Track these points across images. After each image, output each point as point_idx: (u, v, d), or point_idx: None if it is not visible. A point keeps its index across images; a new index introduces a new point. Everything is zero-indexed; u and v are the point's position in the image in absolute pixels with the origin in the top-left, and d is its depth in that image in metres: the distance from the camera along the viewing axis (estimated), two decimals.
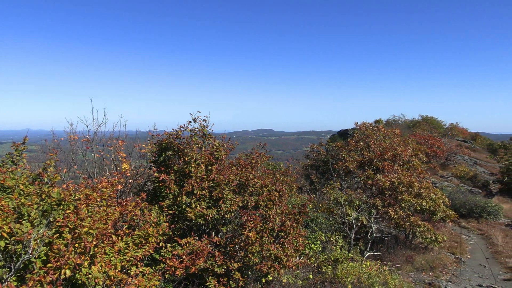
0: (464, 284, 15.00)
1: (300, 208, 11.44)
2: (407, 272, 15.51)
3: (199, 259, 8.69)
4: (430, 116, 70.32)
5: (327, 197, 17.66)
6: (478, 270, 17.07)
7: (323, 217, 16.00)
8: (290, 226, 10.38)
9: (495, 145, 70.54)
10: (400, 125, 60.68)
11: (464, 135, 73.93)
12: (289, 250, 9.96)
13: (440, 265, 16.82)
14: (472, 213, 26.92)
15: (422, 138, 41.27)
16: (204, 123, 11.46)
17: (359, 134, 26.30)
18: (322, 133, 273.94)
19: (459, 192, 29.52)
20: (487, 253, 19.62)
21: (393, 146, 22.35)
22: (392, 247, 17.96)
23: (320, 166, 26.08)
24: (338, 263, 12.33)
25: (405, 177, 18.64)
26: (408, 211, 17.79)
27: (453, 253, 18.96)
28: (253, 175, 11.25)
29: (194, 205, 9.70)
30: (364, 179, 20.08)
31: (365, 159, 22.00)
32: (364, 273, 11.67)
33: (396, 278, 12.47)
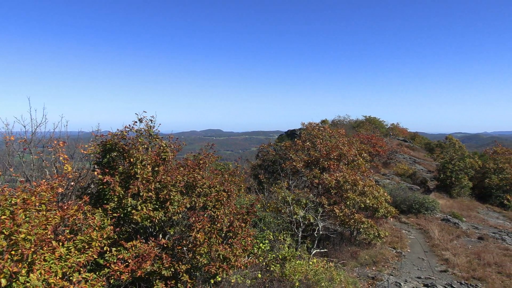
0: (404, 277, 15.74)
1: (248, 208, 11.50)
2: (352, 268, 16.04)
3: (145, 262, 8.50)
4: (373, 116, 73.20)
5: (275, 197, 17.88)
6: (417, 263, 17.97)
7: (271, 216, 16.17)
8: (238, 226, 10.41)
9: (432, 144, 74.62)
10: (345, 125, 62.62)
11: (404, 135, 77.63)
12: (238, 250, 9.98)
13: (383, 260, 17.54)
14: (412, 209, 28.28)
15: (366, 137, 42.82)
16: (151, 123, 11.22)
17: (306, 134, 26.87)
18: (270, 133, 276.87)
19: (399, 189, 30.92)
20: (425, 247, 20.70)
21: (338, 146, 23.03)
22: (338, 243, 18.50)
23: (269, 166, 26.36)
24: (286, 261, 12.51)
25: (349, 175, 19.27)
26: (352, 209, 18.40)
27: (394, 247, 19.82)
28: (201, 175, 11.17)
29: (140, 207, 9.47)
30: (311, 178, 20.53)
31: (312, 159, 22.50)
32: (311, 270, 11.93)
33: (342, 274, 12.86)
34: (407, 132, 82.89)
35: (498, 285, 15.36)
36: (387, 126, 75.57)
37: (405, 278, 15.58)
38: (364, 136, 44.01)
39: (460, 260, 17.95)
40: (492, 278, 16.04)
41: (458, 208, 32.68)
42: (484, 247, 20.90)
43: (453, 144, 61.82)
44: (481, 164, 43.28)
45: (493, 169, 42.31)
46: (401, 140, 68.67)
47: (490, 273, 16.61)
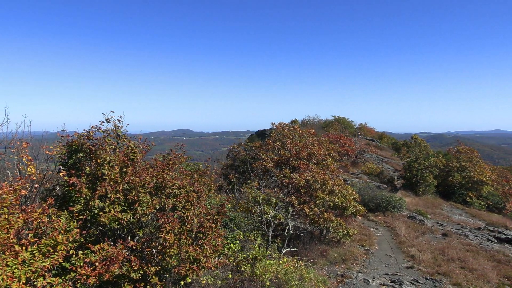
0: (372, 274, 16.06)
1: (218, 208, 11.45)
2: (321, 266, 16.24)
3: (113, 265, 8.33)
4: (342, 116, 74.44)
5: (245, 197, 17.89)
6: (384, 260, 18.38)
7: (241, 217, 16.18)
8: (208, 227, 10.34)
9: (398, 143, 76.51)
10: (314, 125, 63.39)
11: (372, 135, 79.28)
12: (208, 251, 9.92)
13: (352, 257, 17.84)
14: (379, 207, 28.91)
15: (335, 137, 43.46)
16: (118, 123, 11.01)
17: (276, 134, 27.03)
18: (241, 133, 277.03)
19: (367, 188, 31.55)
20: (392, 244, 21.19)
21: (308, 146, 23.27)
22: (308, 242, 18.70)
23: (239, 166, 26.36)
24: (256, 261, 12.53)
25: (319, 175, 19.50)
26: (322, 208, 18.63)
27: (363, 245, 20.20)
28: (170, 176, 11.05)
29: (108, 209, 9.28)
30: (281, 177, 20.66)
31: (282, 159, 22.64)
32: (281, 269, 12.00)
33: (311, 272, 13.00)
34: (375, 132, 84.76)
35: (461, 279, 15.90)
36: (356, 126, 77.04)
37: (373, 275, 15.90)
38: (333, 136, 44.66)
39: (425, 256, 18.48)
40: (456, 273, 16.61)
41: (423, 206, 33.66)
42: (448, 243, 21.60)
43: (419, 144, 63.62)
44: (445, 162, 44.74)
45: (456, 167, 43.81)
46: (369, 139, 70.09)
47: (454, 268, 17.19)
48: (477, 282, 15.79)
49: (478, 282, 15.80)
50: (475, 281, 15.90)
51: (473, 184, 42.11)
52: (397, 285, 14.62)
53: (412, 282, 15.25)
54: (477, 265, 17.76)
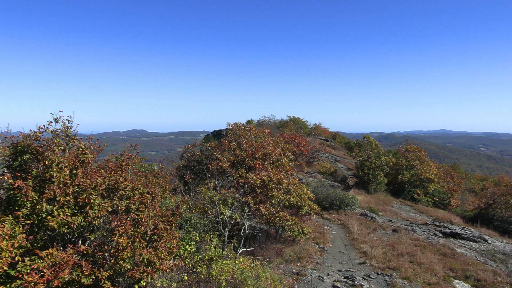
0: (327, 271, 16.42)
1: (174, 209, 11.30)
2: (277, 265, 16.41)
3: (63, 271, 8.02)
4: (297, 117, 75.57)
5: (201, 197, 17.76)
6: (338, 256, 18.83)
7: (197, 217, 16.05)
8: (163, 229, 10.18)
9: (351, 143, 78.67)
10: (270, 125, 63.95)
11: (326, 134, 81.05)
12: (163, 253, 9.77)
13: (307, 255, 18.14)
14: (333, 205, 29.57)
15: (290, 137, 44.01)
16: (68, 123, 10.60)
17: (232, 134, 27.04)
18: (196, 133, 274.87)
19: (322, 187, 32.20)
20: (345, 241, 21.75)
21: (263, 146, 23.42)
22: (264, 242, 18.83)
23: (195, 166, 26.13)
24: (212, 262, 12.48)
25: (274, 174, 19.67)
26: (277, 207, 18.82)
27: (317, 243, 20.59)
28: (123, 177, 10.78)
29: (56, 213, 8.91)
30: (237, 177, 20.68)
31: (237, 159, 22.67)
32: (237, 269, 12.01)
33: (267, 271, 13.10)
34: (329, 132, 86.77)
35: (410, 273, 16.58)
36: (310, 126, 78.48)
37: (328, 272, 16.25)
38: (288, 135, 45.20)
39: (377, 252, 19.10)
40: (405, 267, 17.29)
41: (375, 203, 34.77)
42: (397, 239, 22.44)
43: (370, 143, 65.73)
44: (394, 161, 46.45)
45: (405, 166, 45.61)
46: (323, 139, 71.59)
47: (403, 263, 17.89)
48: (425, 275, 16.52)
49: (426, 275, 16.53)
50: (423, 274, 16.62)
51: (420, 182, 43.99)
52: (350, 281, 15.02)
53: (364, 278, 15.72)
54: (425, 259, 18.56)
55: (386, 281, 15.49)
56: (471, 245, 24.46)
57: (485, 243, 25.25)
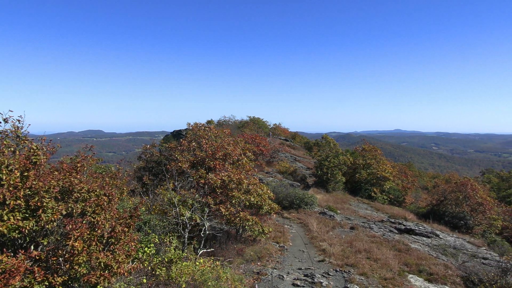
0: (287, 269, 16.59)
1: (131, 211, 11.06)
2: (238, 265, 16.41)
3: (14, 278, 7.65)
4: (257, 117, 75.91)
5: (160, 199, 17.48)
6: (298, 255, 19.08)
7: (156, 219, 15.79)
8: (121, 231, 9.93)
9: (310, 143, 79.92)
10: (230, 125, 63.89)
11: (285, 134, 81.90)
12: (121, 256, 9.54)
13: (267, 255, 18.26)
14: (293, 205, 29.90)
15: (250, 137, 44.13)
16: (18, 123, 10.14)
17: (192, 135, 26.80)
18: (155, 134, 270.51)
19: (282, 186, 32.48)
20: (305, 239, 22.06)
21: (223, 146, 23.36)
22: (224, 242, 18.78)
23: (153, 167, 25.70)
24: (172, 263, 12.31)
25: (235, 175, 19.67)
26: (238, 207, 18.83)
27: (277, 242, 20.76)
28: (78, 179, 10.43)
29: (6, 217, 8.49)
30: (197, 178, 20.52)
31: (197, 159, 22.49)
32: (198, 271, 11.92)
33: (228, 272, 13.07)
34: (288, 132, 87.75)
35: (367, 269, 17.06)
36: (270, 126, 79.03)
37: (288, 271, 16.43)
38: (248, 135, 45.30)
39: (335, 250, 19.51)
40: (363, 263, 17.77)
41: (333, 202, 35.47)
42: (355, 236, 23.02)
43: (329, 143, 66.99)
44: (352, 160, 47.58)
45: (362, 165, 46.83)
46: (283, 139, 72.27)
47: (361, 259, 18.38)
48: (381, 271, 17.05)
49: (382, 271, 17.06)
50: (379, 270, 17.15)
51: (377, 180, 45.30)
52: (310, 279, 15.26)
53: (323, 275, 16.01)
54: (381, 255, 19.16)
55: (345, 278, 15.86)
56: (424, 241, 25.46)
57: (437, 238, 26.37)
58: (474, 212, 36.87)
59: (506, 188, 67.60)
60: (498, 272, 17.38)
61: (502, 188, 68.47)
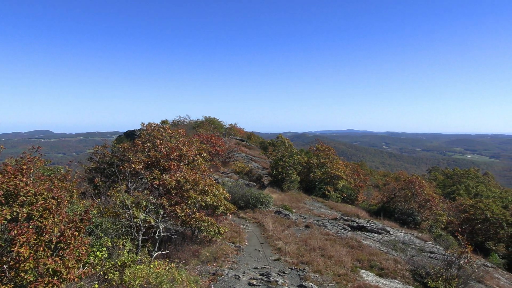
0: (243, 269, 16.63)
1: (82, 214, 10.69)
2: (193, 266, 16.26)
3: None
4: (213, 117, 75.51)
5: (113, 201, 17.00)
6: (254, 254, 19.17)
7: (109, 222, 15.35)
8: (71, 236, 9.58)
9: (266, 143, 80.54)
10: (185, 125, 63.19)
11: (241, 134, 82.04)
12: (71, 261, 9.20)
13: (223, 255, 18.21)
14: (249, 204, 29.99)
15: (206, 137, 43.83)
16: None
17: (146, 135, 26.29)
18: (108, 134, 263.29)
19: (237, 186, 32.48)
20: (261, 239, 22.20)
21: (178, 146, 23.06)
22: (180, 244, 18.55)
23: (105, 169, 24.99)
24: (125, 267, 12.01)
25: (190, 175, 19.46)
26: (194, 208, 18.64)
27: (233, 242, 20.76)
28: (24, 182, 9.95)
29: None
30: (151, 179, 20.14)
31: (152, 160, 22.07)
32: (152, 274, 11.70)
33: (183, 273, 12.93)
34: (244, 132, 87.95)
35: (321, 266, 17.41)
36: (226, 126, 78.87)
37: (244, 270, 16.47)
38: (204, 136, 44.98)
39: (290, 248, 19.77)
40: (317, 261, 18.12)
41: (288, 201, 35.91)
42: (310, 234, 23.42)
43: (284, 143, 67.83)
44: (307, 160, 48.39)
45: (316, 164, 47.70)
46: (238, 139, 72.34)
47: (315, 257, 18.74)
48: (335, 268, 17.46)
49: (336, 267, 17.48)
50: (333, 267, 17.56)
51: (330, 179, 46.29)
52: (266, 278, 15.38)
53: (279, 273, 16.19)
54: (335, 252, 19.62)
55: (300, 276, 16.10)
56: (375, 237, 26.32)
57: (388, 234, 27.34)
58: (421, 208, 38.54)
59: (450, 185, 71.21)
60: (443, 265, 18.27)
61: (447, 185, 72.07)
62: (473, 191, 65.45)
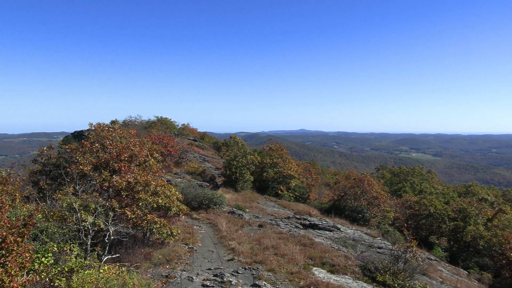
0: (196, 271, 16.50)
1: (26, 219, 10.20)
2: (145, 269, 15.94)
3: None
4: (165, 117, 74.39)
5: (59, 204, 16.33)
6: (207, 255, 19.06)
7: (55, 226, 14.73)
8: (13, 242, 9.11)
9: (219, 143, 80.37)
10: (136, 125, 61.82)
11: (194, 135, 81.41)
12: (13, 269, 8.76)
13: (176, 257, 17.97)
14: (202, 205, 29.80)
15: (157, 138, 43.10)
16: None
17: (95, 135, 25.43)
18: (54, 135, 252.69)
19: (190, 187, 32.20)
20: (214, 239, 22.12)
21: (129, 147, 22.51)
22: (131, 247, 18.11)
23: (51, 171, 23.96)
24: (73, 273, 11.58)
25: (141, 176, 19.07)
26: (145, 210, 18.26)
27: (186, 243, 20.54)
28: None
29: None
30: (101, 181, 19.54)
31: (101, 161, 21.40)
32: (101, 279, 11.35)
33: (135, 277, 12.64)
34: (197, 132, 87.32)
35: (274, 265, 17.60)
36: (178, 126, 77.96)
37: (197, 272, 16.34)
38: (156, 136, 44.21)
39: (244, 248, 19.84)
40: (270, 259, 18.30)
41: (242, 201, 36.03)
42: (263, 233, 23.62)
43: (237, 143, 67.93)
44: (260, 159, 48.75)
45: (269, 164, 48.18)
46: (191, 139, 71.70)
47: (269, 256, 18.91)
48: (288, 266, 17.71)
49: (289, 266, 17.74)
50: (286, 265, 17.81)
51: (283, 178, 46.91)
52: (219, 278, 15.34)
53: (232, 274, 16.20)
54: (288, 250, 19.90)
55: (253, 275, 16.19)
56: (327, 234, 26.99)
57: (338, 231, 28.11)
58: (370, 206, 39.95)
59: (397, 183, 74.30)
60: (391, 259, 19.03)
61: (394, 183, 75.14)
62: (418, 188, 68.73)
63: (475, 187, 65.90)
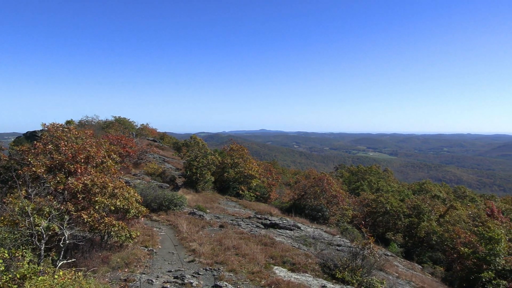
0: (156, 273, 16.25)
1: None
2: (103, 273, 15.52)
3: None
4: (123, 117, 72.74)
5: (10, 208, 15.62)
6: (168, 257, 18.81)
7: (6, 232, 14.09)
8: None
9: (179, 143, 79.50)
10: (93, 126, 60.11)
11: (154, 135, 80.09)
12: None
13: (135, 260, 17.61)
14: (162, 206, 29.33)
15: (115, 138, 42.03)
16: None
17: (49, 136, 24.49)
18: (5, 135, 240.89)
19: (150, 188, 31.62)
20: (175, 241, 21.86)
21: (86, 148, 21.83)
22: (88, 251, 17.58)
23: (1, 174, 22.91)
24: (25, 280, 11.12)
25: (98, 178, 18.55)
26: (102, 212, 17.79)
27: (146, 246, 20.16)
28: None
29: None
30: (55, 183, 18.86)
31: (55, 163, 20.64)
32: (56, 285, 10.96)
33: (92, 282, 12.28)
34: (157, 132, 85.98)
35: (236, 265, 17.63)
36: (137, 126, 76.45)
37: (157, 274, 16.10)
38: (113, 136, 43.09)
39: (205, 249, 19.73)
40: (231, 260, 18.30)
41: (203, 201, 35.80)
42: (224, 234, 23.57)
43: (198, 143, 67.46)
44: (220, 160, 48.62)
45: (230, 164, 48.16)
46: (151, 140, 70.49)
47: (230, 256, 18.91)
48: (249, 265, 17.78)
49: (250, 265, 17.80)
50: (247, 265, 17.86)
51: (244, 178, 47.00)
52: (180, 280, 15.18)
53: (193, 275, 16.08)
54: (249, 250, 19.97)
55: (214, 276, 16.14)
56: (287, 233, 27.29)
57: (299, 230, 28.50)
58: (329, 204, 40.75)
59: (355, 181, 76.19)
60: (349, 256, 19.52)
61: (352, 181, 77.01)
62: (375, 186, 70.77)
63: (428, 184, 68.74)
